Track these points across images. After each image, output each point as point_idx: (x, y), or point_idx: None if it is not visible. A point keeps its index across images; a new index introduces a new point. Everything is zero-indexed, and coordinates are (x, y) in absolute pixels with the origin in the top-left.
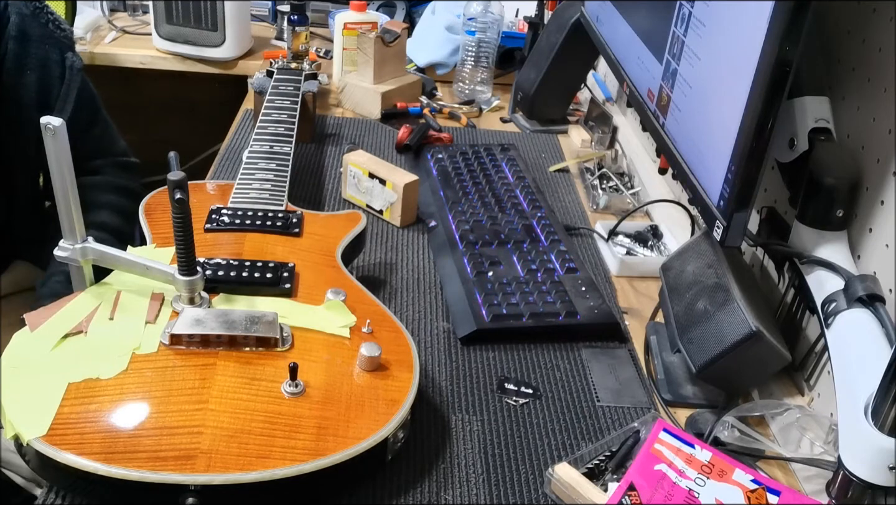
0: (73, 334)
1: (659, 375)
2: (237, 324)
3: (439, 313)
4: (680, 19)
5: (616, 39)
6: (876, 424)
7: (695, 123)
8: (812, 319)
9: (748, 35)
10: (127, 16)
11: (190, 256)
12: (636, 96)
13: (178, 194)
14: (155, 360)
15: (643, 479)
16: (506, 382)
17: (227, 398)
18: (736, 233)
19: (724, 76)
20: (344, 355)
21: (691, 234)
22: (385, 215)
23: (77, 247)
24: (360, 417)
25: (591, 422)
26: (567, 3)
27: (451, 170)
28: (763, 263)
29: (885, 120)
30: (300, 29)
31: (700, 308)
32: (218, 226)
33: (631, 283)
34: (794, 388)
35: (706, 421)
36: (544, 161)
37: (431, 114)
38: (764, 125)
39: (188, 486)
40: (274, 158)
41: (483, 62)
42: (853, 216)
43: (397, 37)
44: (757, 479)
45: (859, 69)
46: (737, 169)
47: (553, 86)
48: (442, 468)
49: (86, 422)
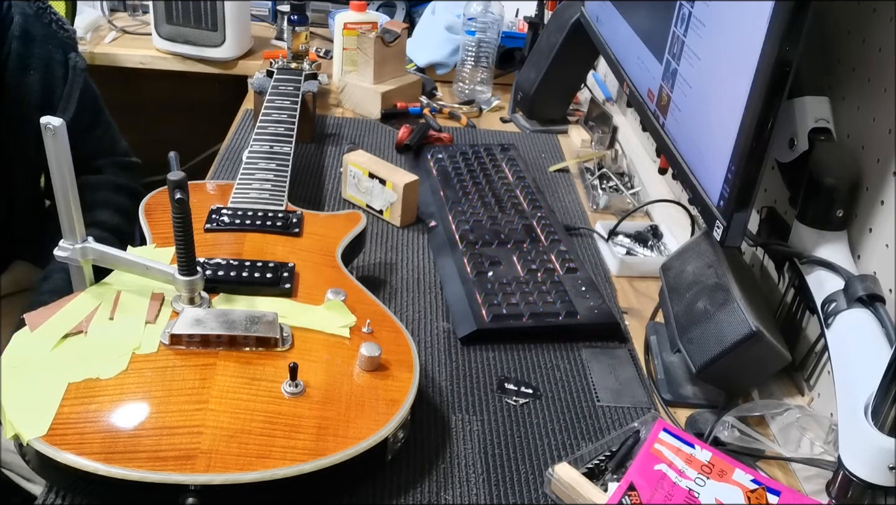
0: (73, 334)
1: (659, 375)
2: (237, 324)
3: (439, 313)
4: (680, 19)
5: (616, 39)
6: (876, 424)
7: (695, 123)
8: (812, 319)
9: (748, 35)
10: (127, 16)
11: (190, 256)
12: (636, 96)
13: (178, 194)
14: (155, 360)
15: (643, 479)
16: (506, 382)
17: (227, 398)
18: (736, 233)
19: (724, 76)
20: (344, 355)
21: (691, 234)
22: (385, 215)
23: (77, 247)
24: (360, 417)
25: (591, 422)
26: (567, 3)
27: (451, 170)
28: (763, 263)
29: (885, 120)
30: (300, 29)
31: (700, 308)
32: (218, 226)
33: (631, 283)
34: (794, 388)
35: (706, 421)
36: (544, 161)
37: (431, 114)
38: (764, 125)
39: (188, 486)
40: (274, 158)
41: (483, 62)
42: (853, 216)
43: (397, 37)
44: (757, 479)
45: (859, 69)
46: (737, 169)
47: (553, 86)
48: (442, 468)
49: (86, 422)
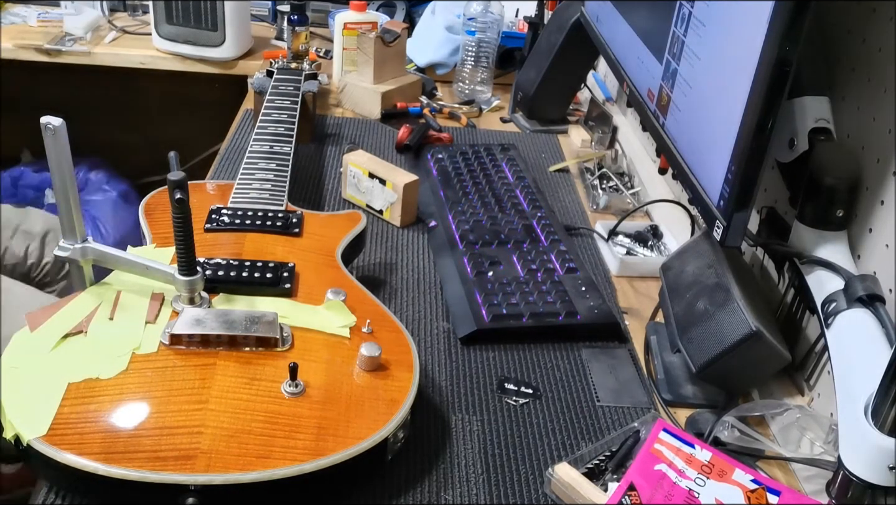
0: (73, 334)
1: (659, 375)
2: (237, 324)
3: (439, 313)
4: (680, 19)
5: (616, 39)
6: (876, 424)
7: (695, 123)
8: (812, 319)
9: (748, 35)
10: (127, 16)
11: (190, 256)
12: (636, 96)
13: (178, 194)
14: (155, 360)
15: (643, 479)
16: (506, 382)
17: (227, 398)
18: (736, 233)
19: (724, 76)
20: (344, 355)
21: (691, 234)
22: (385, 215)
23: (77, 247)
24: (360, 417)
25: (591, 422)
26: (567, 3)
27: (451, 170)
28: (763, 263)
29: (885, 120)
30: (300, 29)
31: (700, 308)
32: (218, 226)
33: (631, 283)
34: (794, 388)
35: (706, 421)
36: (544, 161)
37: (431, 114)
38: (764, 125)
39: (188, 486)
40: (274, 158)
41: (483, 62)
42: (853, 216)
43: (397, 37)
44: (757, 479)
45: (859, 69)
46: (737, 169)
47: (553, 86)
48: (442, 468)
49: (86, 422)
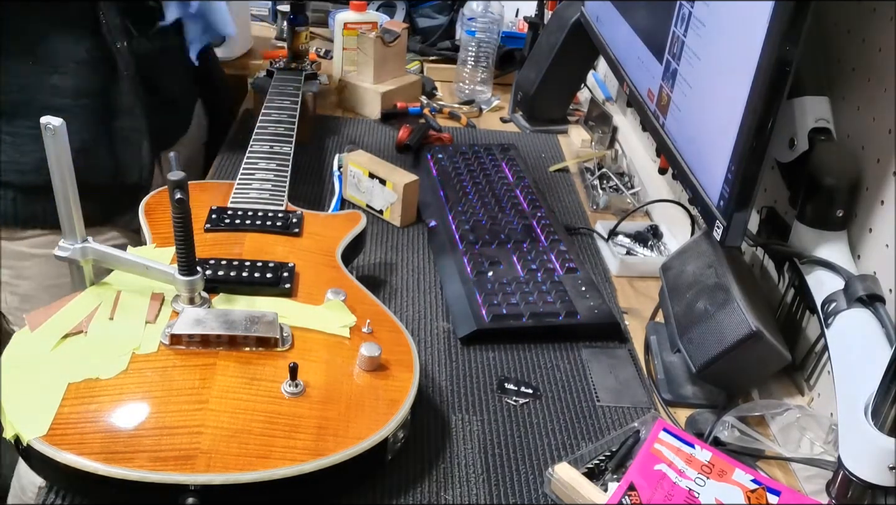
0: (73, 334)
1: (659, 375)
2: (237, 324)
3: (439, 313)
4: (680, 19)
5: (616, 39)
6: (876, 424)
7: (695, 123)
8: (812, 319)
9: (748, 35)
10: None
11: (190, 256)
12: (636, 96)
13: (178, 194)
14: (155, 360)
15: (643, 479)
16: (506, 382)
17: (227, 398)
18: (736, 233)
19: (724, 76)
20: (344, 355)
21: (691, 234)
22: (385, 215)
23: (77, 247)
24: (360, 417)
25: (591, 422)
26: (567, 3)
27: (451, 170)
28: (763, 263)
29: (885, 120)
30: (300, 29)
31: (700, 308)
32: (218, 226)
33: (631, 283)
34: (794, 388)
35: (706, 421)
36: (544, 161)
37: (431, 114)
38: (764, 125)
39: (188, 486)
40: (274, 158)
41: (483, 62)
42: (853, 216)
43: (397, 37)
44: (757, 479)
45: (859, 69)
46: (737, 169)
47: (553, 86)
48: (442, 468)
49: (86, 422)
